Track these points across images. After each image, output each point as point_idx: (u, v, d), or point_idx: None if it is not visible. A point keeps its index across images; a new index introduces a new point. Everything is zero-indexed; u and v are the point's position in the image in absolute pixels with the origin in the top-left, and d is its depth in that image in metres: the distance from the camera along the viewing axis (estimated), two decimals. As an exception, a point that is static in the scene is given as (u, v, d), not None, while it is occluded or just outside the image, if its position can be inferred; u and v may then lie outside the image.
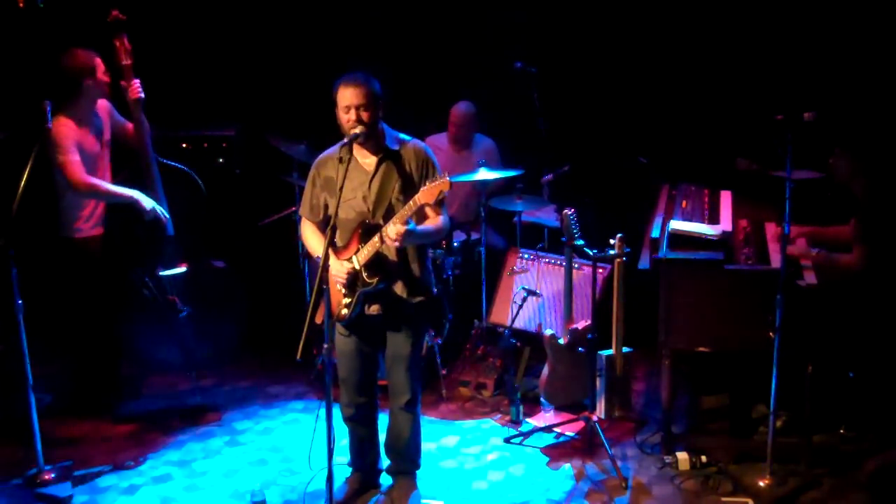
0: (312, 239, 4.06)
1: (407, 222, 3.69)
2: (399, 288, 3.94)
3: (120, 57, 4.80)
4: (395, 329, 4.01)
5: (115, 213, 4.82)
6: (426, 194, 3.63)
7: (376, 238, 3.78)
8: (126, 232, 4.80)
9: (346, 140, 3.77)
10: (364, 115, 3.74)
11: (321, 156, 3.99)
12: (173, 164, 5.00)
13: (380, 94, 3.80)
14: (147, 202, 4.77)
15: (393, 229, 3.68)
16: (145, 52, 4.97)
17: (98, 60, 4.72)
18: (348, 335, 4.02)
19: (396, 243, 3.71)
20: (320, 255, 3.93)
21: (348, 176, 3.78)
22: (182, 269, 5.00)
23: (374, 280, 3.86)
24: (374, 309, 3.95)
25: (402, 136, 3.96)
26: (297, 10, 6.40)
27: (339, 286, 3.90)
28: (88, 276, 4.86)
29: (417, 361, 4.09)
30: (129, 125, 4.93)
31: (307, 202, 4.04)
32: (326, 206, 3.98)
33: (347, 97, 3.74)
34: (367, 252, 3.83)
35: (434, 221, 3.93)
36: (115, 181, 4.86)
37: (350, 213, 3.90)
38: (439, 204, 3.87)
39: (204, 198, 5.08)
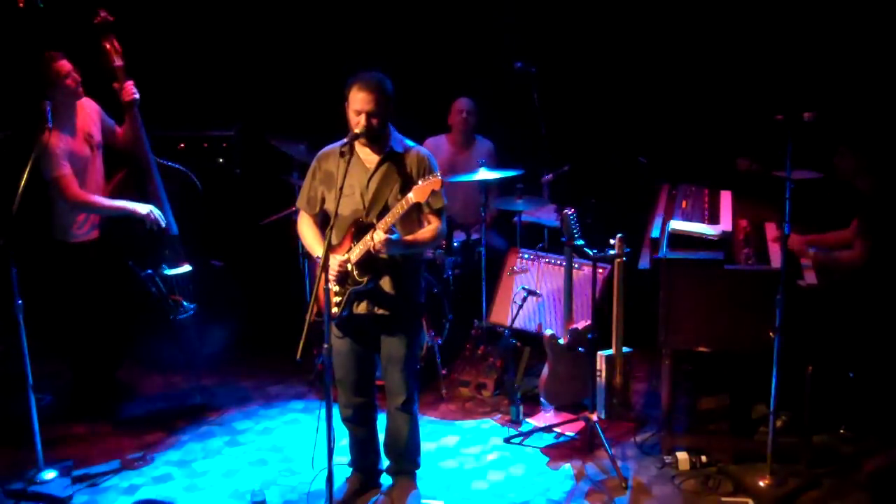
0: (308, 233, 4.06)
1: (391, 230, 3.69)
2: (389, 288, 3.93)
3: (111, 58, 4.76)
4: (388, 331, 4.01)
5: (115, 216, 4.80)
6: (418, 192, 3.65)
7: (368, 237, 3.78)
8: (130, 233, 4.79)
9: (346, 139, 3.77)
10: (374, 121, 3.76)
11: (324, 149, 4.00)
12: (170, 164, 5.00)
13: (391, 97, 3.80)
14: (143, 208, 4.73)
15: (377, 236, 3.69)
16: (145, 52, 4.96)
17: (60, 64, 4.57)
18: (342, 336, 4.02)
19: (381, 252, 3.73)
20: (314, 252, 3.96)
21: (349, 171, 3.79)
22: (187, 267, 5.01)
23: (365, 279, 3.86)
24: (362, 307, 3.94)
25: (408, 141, 3.97)
26: (297, 10, 6.40)
27: (330, 282, 3.90)
28: (85, 279, 4.85)
29: (413, 362, 4.08)
30: (119, 129, 4.91)
31: (305, 194, 4.05)
32: (323, 200, 3.99)
33: (360, 102, 3.75)
34: (359, 250, 3.83)
35: (428, 231, 3.92)
36: (113, 182, 4.85)
37: (345, 209, 3.89)
38: (438, 213, 3.89)
39: (201, 197, 5.08)
